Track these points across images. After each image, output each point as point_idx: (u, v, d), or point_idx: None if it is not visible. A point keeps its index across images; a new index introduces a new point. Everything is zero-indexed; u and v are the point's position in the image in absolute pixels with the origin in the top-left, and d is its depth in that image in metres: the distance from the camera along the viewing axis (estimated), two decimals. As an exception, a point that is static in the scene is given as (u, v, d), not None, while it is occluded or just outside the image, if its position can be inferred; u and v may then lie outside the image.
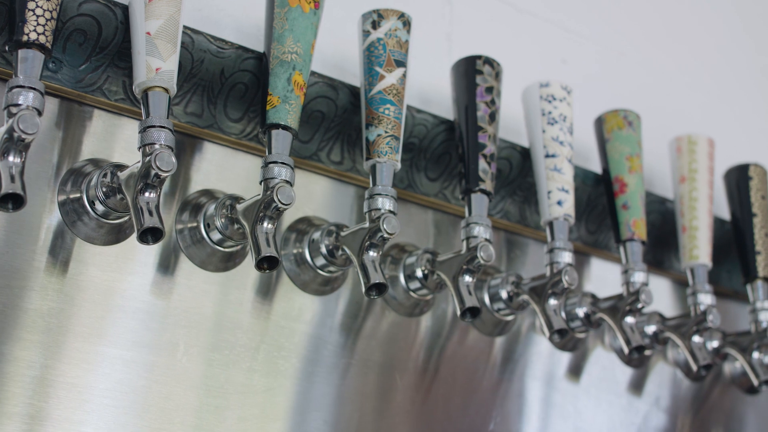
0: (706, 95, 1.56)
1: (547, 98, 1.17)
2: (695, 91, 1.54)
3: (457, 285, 1.05)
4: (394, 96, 1.03)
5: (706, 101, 1.55)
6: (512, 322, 1.20)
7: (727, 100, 1.59)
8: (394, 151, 1.02)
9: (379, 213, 0.99)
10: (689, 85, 1.54)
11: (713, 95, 1.57)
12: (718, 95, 1.58)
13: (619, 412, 1.28)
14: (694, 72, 1.55)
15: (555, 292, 1.11)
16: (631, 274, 1.18)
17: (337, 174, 1.10)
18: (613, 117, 1.23)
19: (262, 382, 1.02)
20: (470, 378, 1.17)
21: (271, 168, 0.95)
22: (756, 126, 1.60)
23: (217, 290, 1.01)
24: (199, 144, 1.03)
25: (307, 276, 1.06)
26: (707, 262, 1.25)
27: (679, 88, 1.52)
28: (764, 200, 1.33)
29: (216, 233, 0.99)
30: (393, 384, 1.10)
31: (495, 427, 1.16)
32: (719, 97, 1.58)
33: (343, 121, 1.08)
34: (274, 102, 0.97)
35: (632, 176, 1.21)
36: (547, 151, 1.15)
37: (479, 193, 1.08)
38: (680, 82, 1.53)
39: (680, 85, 1.53)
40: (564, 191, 1.14)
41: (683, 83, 1.53)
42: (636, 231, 1.19)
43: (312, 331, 1.06)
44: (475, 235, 1.06)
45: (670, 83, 1.51)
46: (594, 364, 1.27)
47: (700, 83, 1.55)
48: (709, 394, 1.39)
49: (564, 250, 1.12)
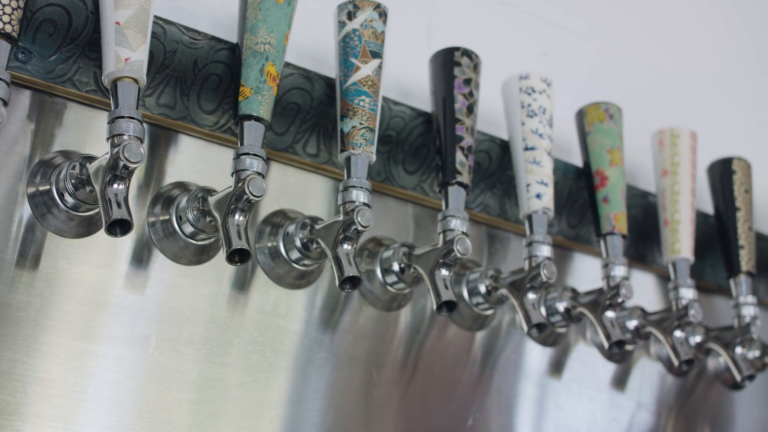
0: (690, 88, 1.54)
1: (526, 90, 1.16)
2: (679, 85, 1.53)
3: (433, 279, 1.04)
4: (370, 87, 1.02)
5: (690, 95, 1.54)
6: (492, 317, 1.19)
7: (712, 93, 1.58)
8: (369, 143, 1.01)
9: (354, 206, 0.98)
10: (673, 79, 1.53)
11: (697, 88, 1.56)
12: (703, 89, 1.56)
13: (600, 407, 1.27)
14: (678, 65, 1.54)
15: (533, 286, 1.10)
16: (612, 268, 1.17)
17: (313, 167, 1.09)
18: (594, 110, 1.22)
19: (236, 376, 1.00)
20: (449, 373, 1.15)
21: (242, 159, 0.94)
22: (740, 120, 1.59)
23: (191, 284, 1.00)
24: (173, 136, 1.02)
25: (282, 269, 1.05)
26: (689, 257, 1.24)
27: (663, 81, 1.51)
28: (747, 194, 1.32)
29: (188, 226, 0.98)
30: (370, 379, 1.09)
31: (474, 422, 1.15)
32: (704, 90, 1.56)
33: (319, 113, 1.07)
34: (247, 93, 0.95)
35: (613, 169, 1.20)
36: (526, 143, 1.14)
37: (456, 185, 1.07)
38: (664, 75, 1.52)
39: (664, 78, 1.52)
40: (543, 184, 1.13)
41: (667, 76, 1.52)
42: (616, 225, 1.18)
43: (287, 325, 1.05)
44: (451, 228, 1.05)
45: (654, 76, 1.50)
46: (575, 359, 1.26)
47: (684, 76, 1.54)
48: (694, 389, 1.38)
49: (543, 243, 1.11)
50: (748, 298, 1.29)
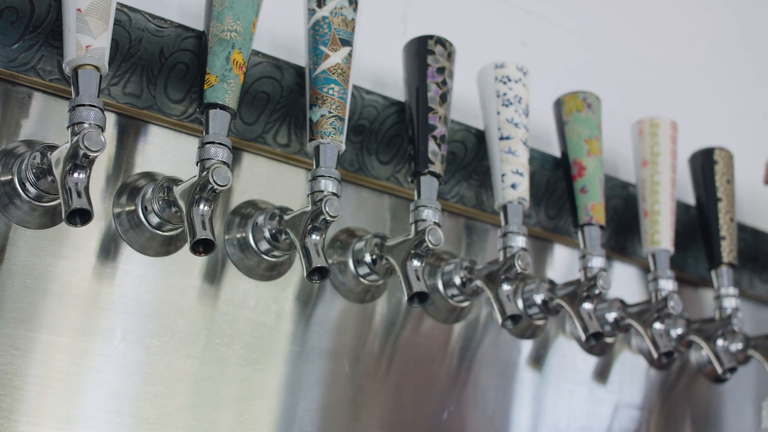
0: (673, 79, 1.53)
1: (502, 79, 1.14)
2: (662, 75, 1.51)
3: (405, 270, 1.02)
4: (339, 75, 1.00)
5: (673, 85, 1.52)
6: (468, 309, 1.17)
7: (695, 84, 1.56)
8: (338, 132, 0.99)
9: (322, 195, 0.97)
10: (656, 69, 1.51)
11: (681, 79, 1.54)
12: (686, 79, 1.55)
13: (580, 401, 1.25)
14: (660, 55, 1.52)
15: (508, 277, 1.08)
16: (589, 259, 1.15)
17: (284, 157, 1.07)
18: (572, 99, 1.20)
19: (204, 369, 0.99)
20: (425, 366, 1.14)
21: (207, 148, 0.92)
22: (723, 110, 1.58)
23: (157, 275, 0.98)
24: (141, 126, 1.00)
25: (252, 261, 1.03)
26: (669, 248, 1.22)
27: (645, 71, 1.50)
28: (729, 184, 1.31)
29: (154, 217, 0.96)
30: (342, 372, 1.07)
31: (449, 415, 1.13)
32: (687, 81, 1.55)
33: (289, 102, 1.05)
34: (212, 81, 0.94)
35: (591, 159, 1.18)
36: (501, 133, 1.12)
37: (429, 175, 1.05)
38: (647, 65, 1.50)
39: (647, 68, 1.50)
40: (518, 174, 1.11)
41: (650, 66, 1.50)
42: (594, 215, 1.16)
43: (257, 317, 1.03)
44: (423, 218, 1.03)
45: (636, 67, 1.48)
46: (555, 352, 1.24)
47: (667, 67, 1.52)
48: (677, 383, 1.36)
49: (518, 234, 1.09)
50: (730, 289, 1.27)
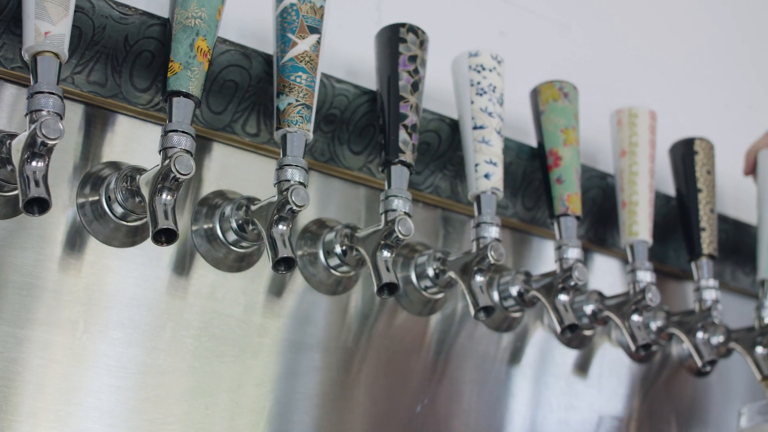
0: (655, 70, 1.51)
1: (476, 68, 1.12)
2: (643, 66, 1.50)
3: (374, 260, 1.00)
4: (307, 63, 0.99)
5: (655, 76, 1.51)
6: (442, 301, 1.16)
7: (676, 75, 1.54)
8: (305, 121, 0.97)
9: (288, 185, 0.95)
10: (637, 59, 1.49)
11: (662, 70, 1.52)
12: (668, 70, 1.53)
13: (557, 394, 1.23)
14: (641, 46, 1.51)
15: (481, 268, 1.07)
16: (565, 250, 1.14)
17: (253, 146, 1.06)
18: (549, 88, 1.19)
19: (168, 361, 0.97)
20: (399, 359, 1.12)
21: (170, 137, 0.91)
22: (705, 101, 1.56)
23: (123, 266, 0.97)
24: (106, 115, 0.99)
25: (220, 252, 1.02)
26: (647, 239, 1.21)
27: (626, 62, 1.48)
28: (710, 175, 1.29)
29: (118, 207, 0.95)
30: (312, 365, 1.05)
31: (422, 409, 1.12)
32: (669, 72, 1.53)
33: (258, 91, 1.03)
34: (176, 69, 0.92)
35: (567, 149, 1.16)
36: (475, 122, 1.11)
37: (399, 165, 1.04)
38: (627, 55, 1.48)
39: (627, 59, 1.48)
40: (492, 164, 1.10)
41: (630, 57, 1.49)
42: (570, 206, 1.15)
43: (224, 309, 1.01)
44: (393, 208, 1.02)
45: (617, 57, 1.47)
46: (532, 345, 1.23)
47: (649, 57, 1.51)
48: (658, 376, 1.35)
49: (491, 224, 1.08)
50: (710, 281, 1.25)
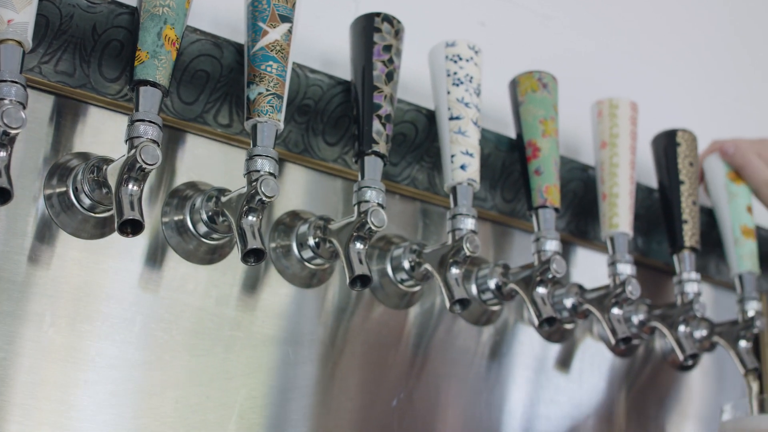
0: (639, 61, 1.50)
1: (452, 58, 1.11)
2: (627, 57, 1.48)
3: (347, 253, 0.99)
4: (278, 53, 0.97)
5: (639, 68, 1.49)
6: (419, 294, 1.14)
7: (661, 66, 1.53)
8: (276, 111, 0.96)
9: (258, 175, 0.94)
10: (621, 51, 1.48)
11: (647, 61, 1.51)
12: (652, 61, 1.52)
13: (537, 389, 1.22)
14: (625, 37, 1.49)
15: (457, 260, 1.05)
16: (543, 242, 1.12)
17: (225, 137, 1.04)
18: (528, 79, 1.17)
19: (138, 355, 0.96)
20: (375, 353, 1.11)
21: (136, 126, 0.89)
22: (690, 93, 1.55)
23: (91, 259, 0.95)
24: (75, 105, 0.98)
25: (191, 244, 1.00)
26: (628, 231, 1.19)
27: (609, 53, 1.46)
28: (692, 167, 1.27)
29: (86, 198, 0.94)
30: (286, 359, 1.04)
31: (398, 403, 1.10)
32: (653, 63, 1.52)
33: (230, 81, 1.02)
34: (143, 57, 0.91)
35: (546, 140, 1.15)
36: (451, 113, 1.10)
37: (373, 155, 1.02)
38: (611, 47, 1.47)
39: (611, 50, 1.47)
40: (468, 155, 1.08)
41: (614, 49, 1.47)
42: (549, 197, 1.13)
43: (195, 302, 1.00)
44: (366, 199, 1.00)
45: (601, 49, 1.45)
46: (512, 339, 1.21)
47: (633, 48, 1.49)
48: (641, 370, 1.33)
49: (467, 216, 1.06)
50: (692, 274, 1.24)
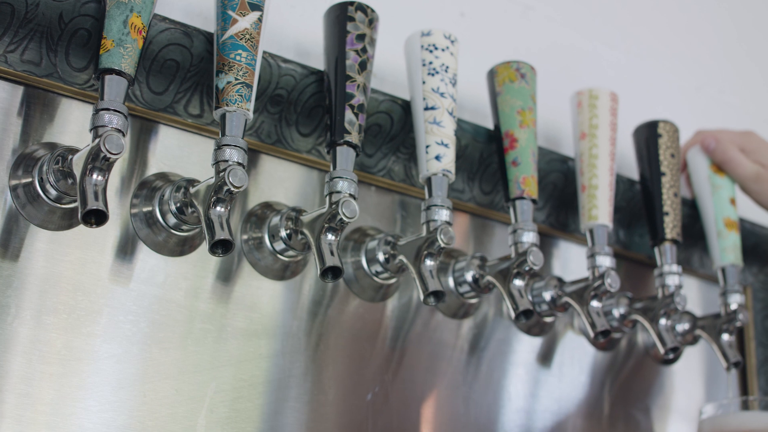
0: (621, 52, 1.48)
1: (428, 48, 1.10)
2: (609, 48, 1.47)
3: (318, 244, 0.98)
4: (247, 41, 0.96)
5: (620, 58, 1.48)
6: (395, 287, 1.13)
7: (643, 57, 1.51)
8: (245, 100, 0.95)
9: (226, 165, 0.92)
10: (603, 42, 1.46)
11: (629, 52, 1.49)
12: (635, 52, 1.50)
13: (516, 383, 1.21)
14: (607, 28, 1.48)
15: (431, 252, 1.04)
16: (520, 234, 1.11)
17: (196, 128, 1.03)
18: (505, 69, 1.16)
19: (105, 347, 0.95)
20: (349, 346, 1.10)
21: (101, 115, 0.88)
22: (673, 84, 1.53)
23: (58, 250, 0.94)
24: (40, 95, 0.96)
25: (161, 236, 0.99)
26: (607, 223, 1.18)
27: (592, 44, 1.45)
28: (674, 158, 1.26)
29: (52, 189, 0.92)
30: (257, 352, 1.03)
31: (373, 397, 1.09)
32: (635, 54, 1.50)
33: (200, 71, 1.01)
34: (108, 46, 0.90)
35: (523, 131, 1.13)
36: (426, 103, 1.08)
37: (345, 145, 1.01)
38: (593, 38, 1.45)
39: (593, 41, 1.45)
40: (443, 145, 1.07)
41: (597, 40, 1.46)
42: (526, 188, 1.12)
43: (165, 294, 0.99)
44: (338, 190, 0.99)
45: (581, 40, 1.44)
46: (491, 332, 1.20)
47: (615, 40, 1.48)
48: (624, 364, 1.32)
49: (442, 207, 1.05)
50: (673, 266, 1.22)
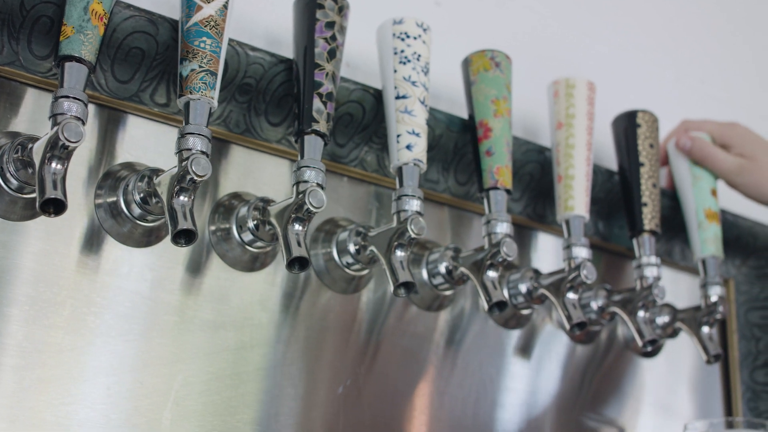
0: (603, 43, 1.47)
1: (400, 36, 1.08)
2: (589, 38, 1.45)
3: (285, 234, 0.96)
4: (212, 28, 0.94)
5: (601, 49, 1.46)
6: (367, 279, 1.11)
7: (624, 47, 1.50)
8: (209, 87, 0.93)
9: (190, 154, 0.91)
10: (583, 32, 1.45)
11: (610, 43, 1.48)
12: (616, 44, 1.49)
13: (492, 376, 1.19)
14: (587, 17, 1.46)
15: (402, 243, 1.02)
16: (494, 225, 1.09)
17: (163, 117, 1.02)
18: (480, 58, 1.14)
19: (68, 339, 0.93)
20: (321, 340, 1.08)
21: (60, 103, 0.86)
22: (655, 75, 1.52)
23: (20, 241, 0.93)
24: (2, 83, 0.94)
25: (125, 227, 0.98)
26: (583, 214, 1.16)
27: (571, 34, 1.43)
28: (653, 149, 1.25)
29: (12, 179, 0.91)
30: (224, 344, 1.01)
31: (344, 390, 1.08)
32: (617, 45, 1.49)
33: (166, 59, 0.99)
34: (68, 32, 0.88)
35: (498, 120, 1.12)
36: (398, 92, 1.07)
37: (312, 134, 0.99)
38: (572, 27, 1.44)
39: (573, 31, 1.44)
40: (415, 135, 1.05)
41: (575, 29, 1.44)
42: (500, 179, 1.10)
43: (130, 286, 0.97)
44: (305, 179, 0.97)
45: (561, 29, 1.42)
46: (466, 325, 1.18)
47: (595, 29, 1.46)
48: (604, 358, 1.31)
49: (413, 197, 1.04)
50: (651, 258, 1.21)
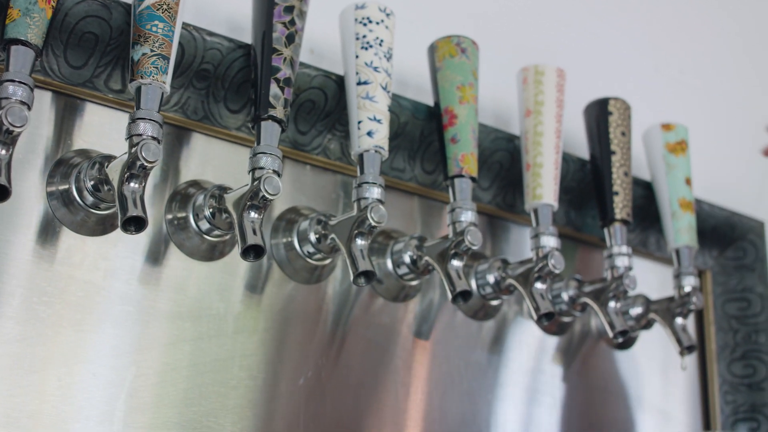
0: (576, 31, 1.45)
1: (362, 21, 1.06)
2: (563, 26, 1.43)
3: (241, 222, 0.94)
4: (165, 12, 0.92)
5: (578, 36, 1.44)
6: (330, 268, 1.09)
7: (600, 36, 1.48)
8: (160, 72, 0.91)
9: (140, 139, 0.89)
10: (556, 19, 1.43)
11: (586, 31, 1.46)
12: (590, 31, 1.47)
13: (460, 368, 1.17)
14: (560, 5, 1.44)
15: (362, 231, 1.00)
16: (459, 213, 1.07)
17: (117, 103, 1.00)
18: (446, 44, 1.12)
19: (18, 330, 0.91)
20: (282, 330, 1.06)
21: (5, 87, 0.84)
22: (634, 64, 1.49)
23: (-32, 230, 0.91)
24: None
25: (78, 216, 0.96)
26: (552, 202, 1.14)
27: (542, 20, 1.41)
28: (625, 137, 1.22)
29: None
30: (181, 335, 0.99)
31: (305, 381, 1.06)
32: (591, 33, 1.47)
33: (120, 44, 0.97)
34: (14, 15, 0.86)
35: (463, 107, 1.10)
36: (359, 77, 1.05)
37: (269, 120, 0.97)
38: (546, 15, 1.42)
39: (544, 17, 1.42)
40: (376, 121, 1.03)
41: (549, 17, 1.42)
42: (465, 166, 1.08)
43: (82, 275, 0.95)
44: (261, 166, 0.95)
45: (534, 16, 1.40)
46: (434, 316, 1.17)
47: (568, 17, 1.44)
48: (577, 350, 1.29)
49: (373, 185, 1.02)
50: (623, 248, 1.19)
